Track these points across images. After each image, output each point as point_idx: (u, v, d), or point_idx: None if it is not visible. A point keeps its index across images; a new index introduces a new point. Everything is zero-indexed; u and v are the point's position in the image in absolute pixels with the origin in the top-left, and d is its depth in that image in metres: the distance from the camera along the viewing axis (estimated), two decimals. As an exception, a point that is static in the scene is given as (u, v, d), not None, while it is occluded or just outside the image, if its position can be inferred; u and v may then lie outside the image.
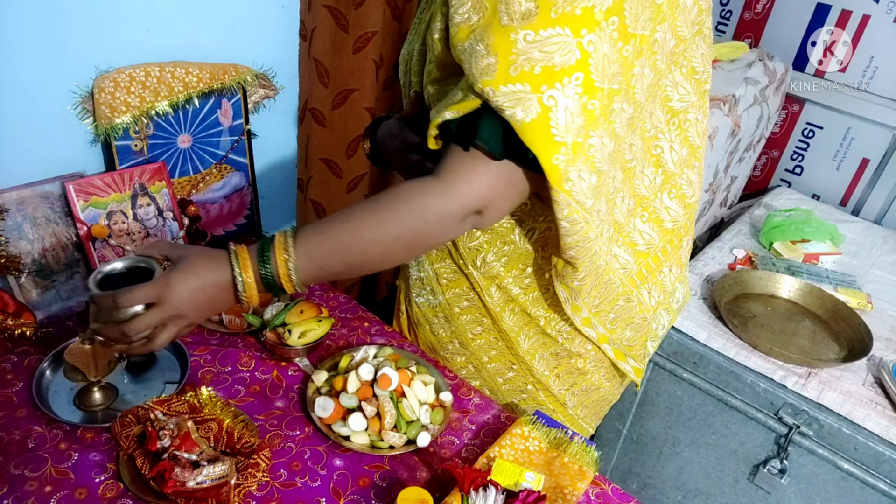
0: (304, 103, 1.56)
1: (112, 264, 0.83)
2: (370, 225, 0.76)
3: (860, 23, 1.97)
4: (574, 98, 0.68)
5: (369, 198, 0.78)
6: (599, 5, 0.68)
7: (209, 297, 0.77)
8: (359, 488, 0.89)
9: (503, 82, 0.68)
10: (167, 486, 0.80)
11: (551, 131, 0.69)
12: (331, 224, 0.77)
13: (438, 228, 0.76)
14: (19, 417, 0.92)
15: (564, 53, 0.67)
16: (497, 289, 0.98)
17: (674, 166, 0.89)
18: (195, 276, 0.76)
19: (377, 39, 1.52)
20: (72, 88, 1.13)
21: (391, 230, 0.76)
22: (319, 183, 1.68)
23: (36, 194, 1.10)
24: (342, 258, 0.77)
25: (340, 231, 0.76)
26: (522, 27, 0.67)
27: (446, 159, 0.75)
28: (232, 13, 1.31)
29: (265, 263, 0.76)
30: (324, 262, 0.77)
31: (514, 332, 1.01)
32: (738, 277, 1.65)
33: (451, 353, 1.11)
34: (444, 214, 0.75)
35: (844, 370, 1.44)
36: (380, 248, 0.76)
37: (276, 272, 0.76)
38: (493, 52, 0.68)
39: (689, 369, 1.54)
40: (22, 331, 1.02)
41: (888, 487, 1.33)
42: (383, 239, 0.76)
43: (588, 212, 0.76)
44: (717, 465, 1.57)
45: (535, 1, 0.67)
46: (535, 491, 0.83)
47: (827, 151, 2.17)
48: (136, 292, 0.76)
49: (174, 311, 0.76)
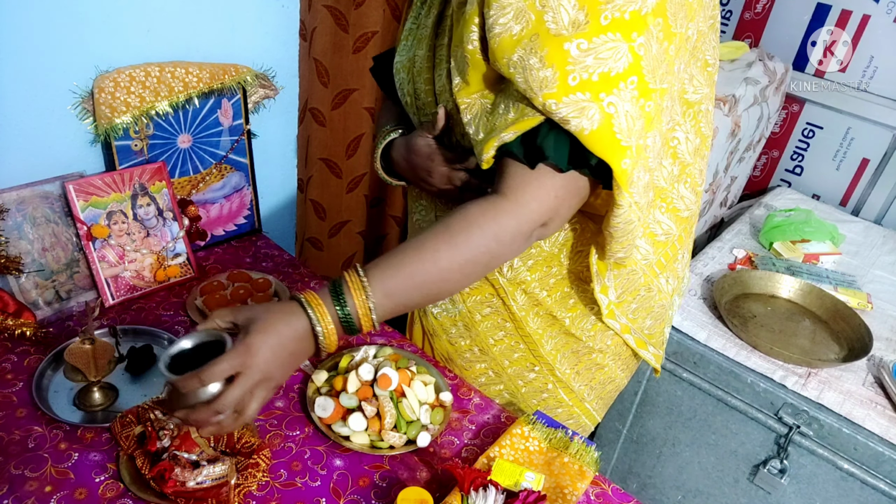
0: (304, 103, 1.56)
1: (178, 344, 0.75)
2: (445, 253, 0.75)
3: (860, 23, 1.97)
4: (632, 102, 0.70)
5: (437, 225, 0.77)
6: (645, 8, 0.69)
7: (291, 352, 0.73)
8: (359, 488, 0.89)
9: (564, 93, 0.69)
10: (167, 486, 0.80)
11: (616, 137, 0.70)
12: (403, 257, 0.75)
13: (512, 247, 0.77)
14: (19, 417, 0.92)
15: (618, 58, 0.69)
16: (522, 293, 0.98)
17: (689, 157, 0.91)
18: (273, 334, 0.71)
19: (377, 39, 1.52)
20: (72, 88, 1.13)
21: (467, 255, 0.75)
22: (319, 183, 1.68)
23: (36, 194, 1.10)
24: (420, 290, 0.76)
25: (415, 263, 0.75)
26: (575, 36, 0.68)
27: (509, 178, 0.76)
28: (232, 13, 1.31)
29: (343, 306, 0.73)
30: (402, 296, 0.75)
31: (538, 334, 1.01)
32: (738, 277, 1.65)
33: (470, 360, 1.09)
34: (517, 234, 0.76)
35: (844, 370, 1.44)
36: (457, 274, 0.76)
37: (355, 313, 0.73)
38: (550, 64, 0.69)
39: (689, 369, 1.54)
40: (22, 331, 1.02)
41: (888, 487, 1.33)
42: (461, 265, 0.76)
43: (641, 210, 0.78)
44: (717, 465, 1.57)
45: (584, 9, 0.68)
46: (535, 491, 0.83)
47: (827, 151, 2.17)
48: (219, 366, 0.69)
49: (261, 376, 0.71)
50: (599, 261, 0.89)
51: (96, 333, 0.98)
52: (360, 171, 1.73)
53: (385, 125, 1.02)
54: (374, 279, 0.74)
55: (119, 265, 1.17)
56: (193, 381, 0.69)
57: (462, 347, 1.08)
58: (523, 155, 0.74)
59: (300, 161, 1.65)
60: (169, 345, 0.76)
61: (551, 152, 0.73)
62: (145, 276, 1.20)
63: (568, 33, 0.68)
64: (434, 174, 0.91)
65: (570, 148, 0.72)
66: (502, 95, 0.76)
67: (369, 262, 0.76)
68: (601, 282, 0.92)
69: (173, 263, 1.24)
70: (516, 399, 1.09)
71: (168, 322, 1.14)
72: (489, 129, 0.77)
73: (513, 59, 0.71)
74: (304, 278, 1.31)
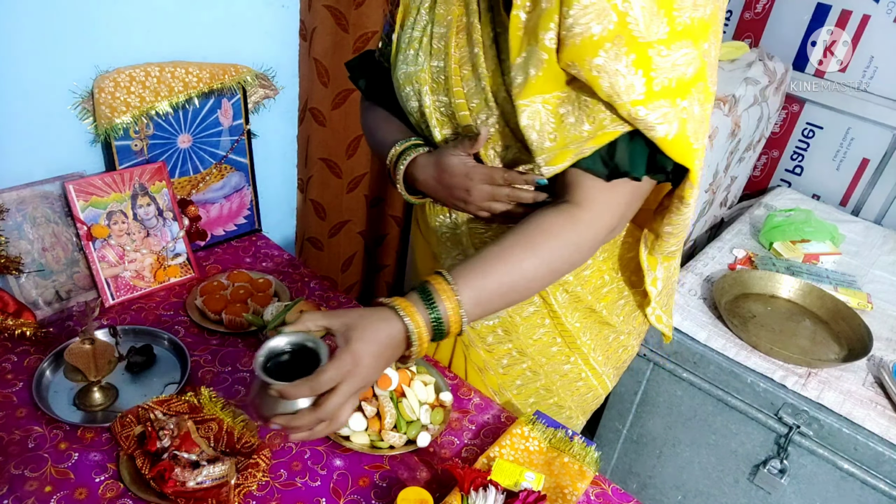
0: (304, 103, 1.56)
1: (270, 345, 0.73)
2: (528, 262, 0.78)
3: (860, 23, 1.97)
4: (700, 106, 0.74)
5: (514, 234, 0.79)
6: (706, 14, 0.71)
7: (387, 359, 0.74)
8: (359, 488, 0.89)
9: (651, 100, 0.71)
10: (167, 486, 0.80)
11: (689, 140, 0.74)
12: (486, 264, 0.77)
13: (588, 255, 0.83)
14: (19, 417, 0.92)
15: (690, 64, 0.71)
16: (563, 292, 1.00)
17: None
18: (374, 342, 0.72)
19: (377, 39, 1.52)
20: (72, 88, 1.13)
21: (548, 263, 0.79)
22: (319, 183, 1.68)
23: (36, 194, 1.10)
24: (504, 297, 0.79)
25: (501, 272, 0.77)
26: (658, 42, 0.70)
27: (583, 189, 0.79)
28: (232, 13, 1.31)
29: (434, 310, 0.74)
30: (487, 301, 0.78)
31: (576, 328, 1.02)
32: (738, 277, 1.65)
33: (508, 365, 1.09)
34: (594, 242, 0.81)
35: (844, 370, 1.44)
36: (537, 281, 0.80)
37: (446, 317, 0.75)
38: (636, 70, 0.70)
39: (689, 369, 1.54)
40: (22, 331, 1.02)
41: (888, 487, 1.33)
42: (542, 273, 0.79)
43: (692, 207, 0.83)
44: (717, 465, 1.57)
45: (661, 12, 0.69)
46: (535, 491, 0.83)
47: (827, 151, 2.17)
48: (327, 374, 0.69)
49: (361, 384, 0.72)
50: (649, 255, 0.93)
51: (96, 333, 0.98)
52: (360, 170, 1.73)
53: (395, 141, 0.97)
54: (463, 285, 0.75)
55: (119, 265, 1.17)
56: (303, 390, 0.69)
57: (500, 352, 1.08)
58: (599, 168, 0.77)
59: (300, 161, 1.65)
60: (259, 344, 0.76)
61: (628, 167, 0.76)
62: (145, 276, 1.20)
63: (648, 37, 0.69)
64: (474, 193, 0.89)
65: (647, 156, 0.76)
66: (572, 104, 0.76)
67: (452, 269, 0.77)
68: (652, 275, 0.95)
69: (173, 263, 1.24)
70: (552, 392, 1.09)
71: (168, 322, 1.14)
72: (562, 140, 0.77)
73: (595, 62, 0.71)
74: (304, 278, 1.31)
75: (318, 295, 1.27)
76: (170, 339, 1.09)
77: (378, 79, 1.04)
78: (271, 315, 1.09)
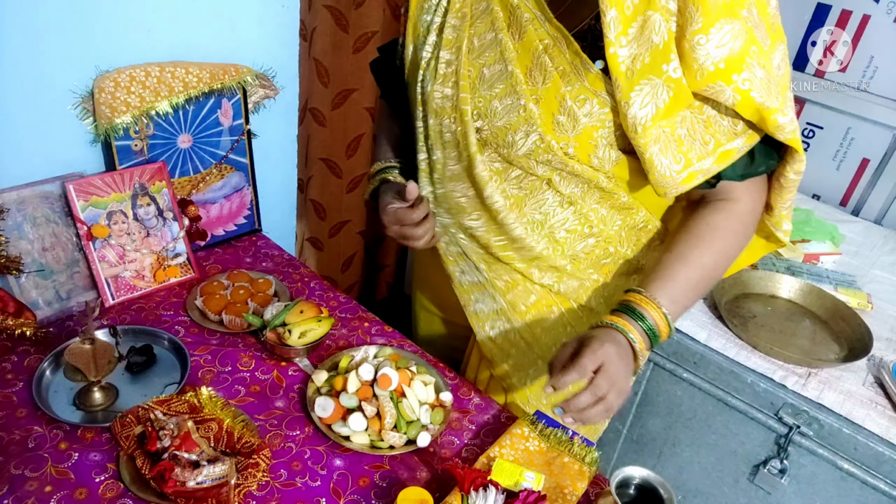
0: (304, 103, 1.56)
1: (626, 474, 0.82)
2: (708, 257, 0.90)
3: (860, 23, 1.97)
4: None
5: (685, 236, 0.91)
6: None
7: (626, 361, 0.84)
8: (359, 488, 0.89)
9: (786, 106, 0.81)
10: (167, 486, 0.80)
11: (797, 132, 0.85)
12: (670, 269, 0.89)
13: (749, 238, 0.95)
14: (19, 417, 0.92)
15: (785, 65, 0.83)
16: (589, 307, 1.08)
17: None
18: (613, 342, 0.82)
19: (377, 39, 1.52)
20: (72, 88, 1.13)
21: (725, 254, 0.92)
22: (319, 183, 1.68)
23: (36, 194, 1.10)
24: (694, 291, 0.91)
25: (685, 270, 0.89)
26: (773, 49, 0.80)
27: (728, 189, 0.90)
28: (232, 13, 1.31)
29: (644, 321, 0.85)
30: (683, 299, 0.89)
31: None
32: (738, 277, 1.65)
33: (532, 376, 1.10)
34: (752, 226, 0.94)
35: (844, 370, 1.44)
36: (718, 272, 0.93)
37: (655, 324, 0.86)
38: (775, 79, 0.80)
39: (689, 369, 1.54)
40: (22, 331, 1.02)
41: (888, 487, 1.33)
42: (722, 263, 0.92)
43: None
44: (717, 465, 1.57)
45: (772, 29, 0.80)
46: (535, 491, 0.83)
47: (827, 151, 2.17)
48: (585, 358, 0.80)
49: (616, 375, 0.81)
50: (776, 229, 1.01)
51: (96, 333, 0.98)
52: (360, 170, 1.74)
53: (381, 157, 1.10)
54: (658, 293, 0.87)
55: (119, 265, 1.17)
56: (572, 375, 0.79)
57: (524, 363, 1.09)
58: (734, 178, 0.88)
59: (300, 161, 1.65)
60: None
61: (764, 168, 0.89)
62: (145, 276, 1.20)
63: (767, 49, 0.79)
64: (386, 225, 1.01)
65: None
66: (687, 125, 0.83)
67: (641, 284, 0.89)
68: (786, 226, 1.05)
69: (173, 263, 1.24)
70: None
71: (168, 322, 1.14)
72: (687, 162, 0.84)
73: (743, 76, 0.78)
74: (304, 278, 1.31)
75: (317, 295, 1.27)
76: (170, 339, 1.09)
77: (398, 79, 1.07)
78: (271, 315, 1.09)
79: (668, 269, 0.89)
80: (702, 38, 0.75)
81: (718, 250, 0.90)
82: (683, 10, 0.76)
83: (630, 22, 0.77)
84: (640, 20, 0.77)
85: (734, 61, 0.76)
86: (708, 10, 0.74)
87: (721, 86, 0.78)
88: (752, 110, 0.80)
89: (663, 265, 0.89)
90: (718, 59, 0.76)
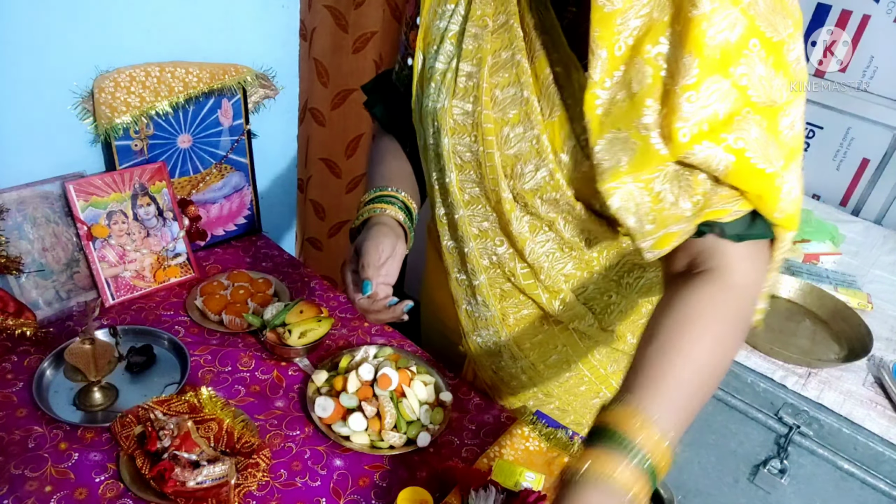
0: (304, 103, 1.56)
1: None
2: (703, 353, 0.68)
3: (860, 23, 1.97)
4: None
5: (667, 323, 0.70)
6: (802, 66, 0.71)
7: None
8: (359, 488, 0.89)
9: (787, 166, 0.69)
10: (167, 486, 0.80)
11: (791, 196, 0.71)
12: (659, 372, 0.67)
13: (751, 321, 0.75)
14: (19, 417, 0.92)
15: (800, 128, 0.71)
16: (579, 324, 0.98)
17: None
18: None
19: (377, 39, 1.52)
20: (72, 88, 1.13)
21: (726, 347, 0.71)
22: (319, 183, 1.68)
23: (36, 194, 1.10)
24: (695, 397, 0.69)
25: (680, 374, 0.67)
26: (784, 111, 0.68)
27: (720, 253, 0.72)
28: (232, 13, 1.31)
29: (634, 456, 0.63)
30: (686, 409, 0.68)
31: (602, 364, 1.01)
32: (738, 277, 1.65)
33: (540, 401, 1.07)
34: (754, 305, 0.74)
35: (844, 370, 1.44)
36: (720, 368, 0.70)
37: (654, 456, 0.64)
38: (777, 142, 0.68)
39: (689, 369, 1.54)
40: (22, 331, 1.02)
41: (888, 487, 1.33)
42: (724, 354, 0.71)
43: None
44: (716, 465, 1.57)
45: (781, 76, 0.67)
46: (535, 491, 0.83)
47: (827, 151, 2.17)
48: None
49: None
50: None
51: (96, 333, 0.98)
52: (360, 171, 1.74)
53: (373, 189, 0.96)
54: (650, 410, 0.64)
55: (119, 265, 1.17)
56: None
57: (526, 397, 1.06)
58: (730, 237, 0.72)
59: (300, 161, 1.65)
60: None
61: (762, 232, 0.72)
62: (145, 276, 1.20)
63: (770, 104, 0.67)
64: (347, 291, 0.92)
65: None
66: (669, 181, 0.70)
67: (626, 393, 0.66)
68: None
69: (173, 263, 1.24)
70: (566, 413, 1.06)
71: (168, 322, 1.14)
72: (662, 222, 0.72)
73: (729, 137, 0.66)
74: (304, 278, 1.31)
75: (317, 295, 1.27)
76: (170, 339, 1.09)
77: (394, 106, 1.00)
78: (271, 315, 1.09)
79: (657, 373, 0.66)
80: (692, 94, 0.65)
81: (720, 346, 0.69)
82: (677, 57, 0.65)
83: (618, 65, 0.69)
84: (626, 66, 0.68)
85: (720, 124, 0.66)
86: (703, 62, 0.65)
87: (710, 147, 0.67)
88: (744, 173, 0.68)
89: (653, 365, 0.67)
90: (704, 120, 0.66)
